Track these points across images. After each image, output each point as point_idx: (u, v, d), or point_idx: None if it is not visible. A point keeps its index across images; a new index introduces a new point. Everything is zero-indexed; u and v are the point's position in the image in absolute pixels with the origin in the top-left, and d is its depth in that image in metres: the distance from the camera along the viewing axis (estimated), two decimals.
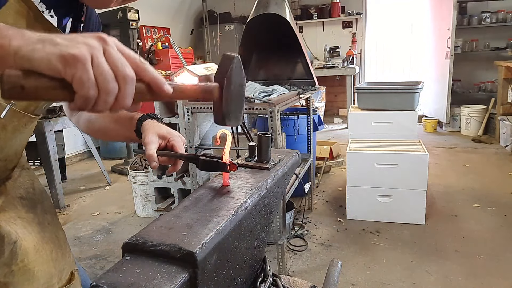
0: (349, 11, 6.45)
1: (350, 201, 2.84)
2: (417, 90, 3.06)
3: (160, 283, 0.46)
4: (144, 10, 4.56)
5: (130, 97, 0.49)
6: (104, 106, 0.47)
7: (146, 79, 0.51)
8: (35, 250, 0.81)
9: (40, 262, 0.81)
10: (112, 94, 0.46)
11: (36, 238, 0.83)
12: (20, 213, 0.85)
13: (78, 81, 0.44)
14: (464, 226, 2.67)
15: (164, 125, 0.86)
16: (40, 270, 0.81)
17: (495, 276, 2.09)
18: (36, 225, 0.87)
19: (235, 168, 0.70)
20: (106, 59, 0.46)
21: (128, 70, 0.47)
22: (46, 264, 0.83)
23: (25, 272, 0.78)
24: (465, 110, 5.33)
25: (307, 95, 2.57)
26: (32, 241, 0.81)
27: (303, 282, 0.94)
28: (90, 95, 0.45)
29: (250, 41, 2.72)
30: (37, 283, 0.80)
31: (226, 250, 0.58)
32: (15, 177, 0.90)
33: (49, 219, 0.92)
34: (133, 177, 3.03)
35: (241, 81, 0.64)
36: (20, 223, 0.83)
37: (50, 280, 0.84)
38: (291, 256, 2.39)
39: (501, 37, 5.59)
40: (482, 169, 3.85)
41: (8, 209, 0.84)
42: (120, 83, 0.47)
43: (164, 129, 0.83)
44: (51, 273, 0.84)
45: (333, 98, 6.90)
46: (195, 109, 2.22)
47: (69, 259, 0.94)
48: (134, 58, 0.50)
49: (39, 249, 0.82)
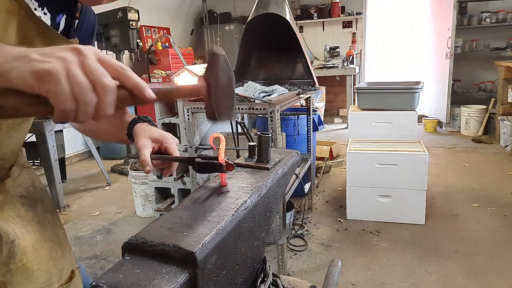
0: (349, 11, 6.45)
1: (350, 201, 2.84)
2: (417, 90, 3.06)
3: (160, 283, 0.46)
4: (144, 10, 4.56)
5: (110, 106, 0.48)
6: (85, 117, 0.47)
7: (128, 86, 0.51)
8: (33, 249, 0.80)
9: (38, 261, 0.81)
10: (90, 105, 0.46)
11: (36, 237, 0.83)
12: (20, 212, 0.84)
13: (53, 96, 0.44)
14: (464, 226, 2.67)
15: (156, 127, 0.86)
16: (38, 269, 0.80)
17: (495, 276, 2.09)
18: (36, 223, 0.86)
19: (232, 168, 0.70)
20: (84, 70, 0.46)
21: (106, 79, 0.47)
22: (45, 263, 0.83)
23: (23, 271, 0.77)
24: (465, 110, 5.34)
25: (307, 95, 2.57)
26: (30, 240, 0.80)
27: (303, 282, 0.94)
28: (68, 108, 0.45)
29: (250, 41, 2.72)
30: (36, 282, 0.80)
31: (226, 250, 0.58)
32: (15, 175, 0.90)
33: (50, 218, 0.91)
34: (133, 177, 3.03)
35: (229, 77, 0.65)
36: (19, 222, 0.82)
37: (50, 279, 0.83)
38: (291, 256, 2.39)
39: (501, 37, 5.59)
40: (482, 169, 3.85)
41: (7, 208, 0.83)
42: (99, 94, 0.47)
43: (156, 132, 0.83)
44: (51, 272, 0.84)
45: (333, 98, 6.91)
46: (195, 109, 2.22)
47: (69, 258, 0.94)
48: (114, 65, 0.49)
49: (37, 248, 0.82)
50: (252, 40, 2.72)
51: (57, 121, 0.47)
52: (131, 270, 0.47)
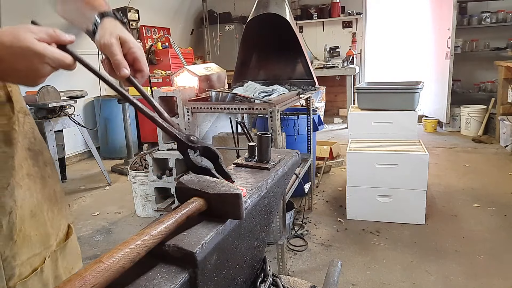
0: (349, 11, 6.45)
1: (350, 201, 2.84)
2: (417, 90, 3.06)
3: (160, 283, 0.46)
4: (144, 10, 4.57)
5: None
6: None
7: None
8: (31, 215, 0.78)
9: (35, 227, 0.79)
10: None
11: (36, 200, 0.80)
12: (29, 169, 0.79)
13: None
14: (464, 226, 2.67)
15: (126, 29, 0.76)
16: (35, 234, 0.79)
17: (495, 276, 2.09)
18: (40, 180, 0.82)
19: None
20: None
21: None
22: (42, 227, 0.81)
23: (24, 238, 0.76)
24: (465, 110, 5.34)
25: (307, 95, 2.57)
26: (28, 207, 0.77)
27: (303, 282, 0.94)
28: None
29: (250, 41, 2.72)
30: (34, 247, 0.78)
31: (226, 250, 0.58)
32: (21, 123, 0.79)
33: (49, 172, 0.87)
34: (133, 177, 3.03)
35: None
36: (27, 182, 0.78)
37: (48, 240, 0.82)
38: (291, 256, 2.39)
39: (501, 37, 5.59)
40: (482, 169, 3.85)
41: (23, 164, 0.78)
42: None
43: (125, 33, 0.74)
44: (48, 234, 0.82)
45: (333, 98, 6.90)
46: (195, 109, 2.22)
47: (65, 212, 0.91)
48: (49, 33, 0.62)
49: (35, 213, 0.79)
50: (252, 40, 2.72)
51: None
52: (131, 270, 0.46)
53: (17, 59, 0.58)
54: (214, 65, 3.01)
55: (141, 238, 0.47)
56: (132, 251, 0.45)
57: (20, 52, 0.57)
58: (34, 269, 0.78)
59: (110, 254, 0.43)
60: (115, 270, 0.42)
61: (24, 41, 0.57)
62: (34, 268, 0.78)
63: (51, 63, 0.60)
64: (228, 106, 2.09)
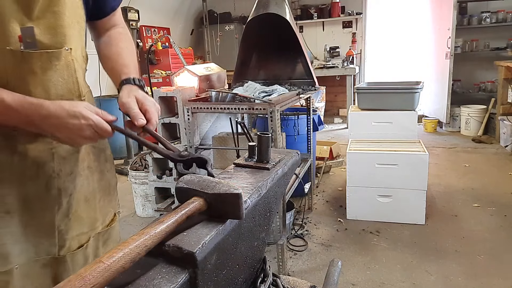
0: (349, 11, 6.44)
1: (350, 201, 2.84)
2: (417, 90, 3.06)
3: (160, 283, 0.46)
4: (144, 10, 4.56)
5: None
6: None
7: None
8: (85, 200, 0.95)
9: (87, 211, 0.96)
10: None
11: (92, 189, 0.98)
12: (90, 162, 0.98)
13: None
14: (464, 226, 2.67)
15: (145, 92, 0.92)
16: (87, 217, 0.96)
17: (495, 276, 2.09)
18: (98, 173, 1.01)
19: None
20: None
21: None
22: (92, 212, 0.98)
23: (77, 218, 0.93)
24: (465, 110, 5.33)
25: (307, 95, 2.57)
26: (84, 193, 0.95)
27: (303, 282, 0.94)
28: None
29: (250, 41, 2.72)
30: (84, 227, 0.96)
31: (226, 250, 0.58)
32: None
33: (108, 167, 1.06)
34: (133, 177, 3.03)
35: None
36: (87, 173, 0.96)
37: (95, 223, 0.99)
38: (291, 256, 2.39)
39: (501, 37, 5.59)
40: (482, 169, 3.85)
41: (87, 158, 0.96)
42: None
43: (141, 94, 0.89)
44: (96, 218, 1.00)
45: (333, 98, 6.90)
46: (195, 109, 2.22)
47: (114, 203, 1.11)
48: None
49: (89, 199, 0.96)
50: (252, 40, 2.71)
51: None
52: (131, 270, 0.47)
53: (69, 117, 0.74)
54: (214, 65, 3.01)
55: (141, 238, 0.47)
56: (132, 251, 0.45)
57: (73, 113, 0.74)
58: (81, 245, 0.95)
59: (110, 254, 0.44)
60: (115, 270, 0.43)
61: (78, 107, 0.75)
62: (81, 244, 0.95)
63: (94, 126, 0.75)
64: (228, 106, 2.09)
